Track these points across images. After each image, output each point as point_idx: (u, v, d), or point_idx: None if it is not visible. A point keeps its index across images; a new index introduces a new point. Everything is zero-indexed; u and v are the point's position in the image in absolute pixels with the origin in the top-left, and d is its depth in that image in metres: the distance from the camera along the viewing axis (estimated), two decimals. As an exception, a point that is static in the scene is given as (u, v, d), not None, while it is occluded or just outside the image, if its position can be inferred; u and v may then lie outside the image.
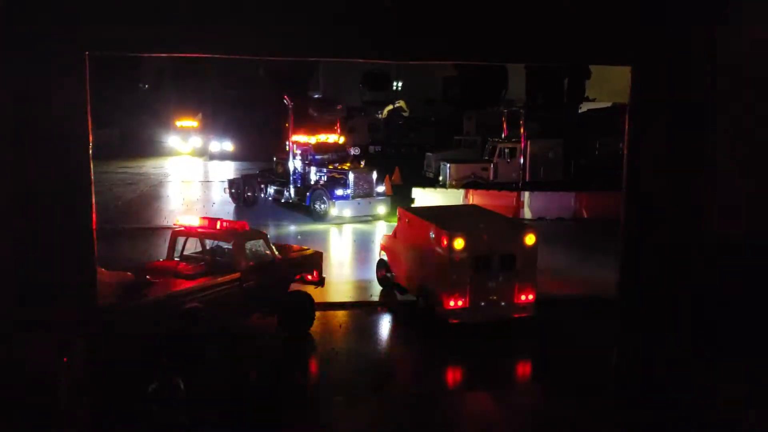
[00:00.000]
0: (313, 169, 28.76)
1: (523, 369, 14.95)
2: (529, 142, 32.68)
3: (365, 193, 27.88)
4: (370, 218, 27.59)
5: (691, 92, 12.09)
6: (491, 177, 32.48)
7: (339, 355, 14.70)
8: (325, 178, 28.35)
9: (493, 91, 49.18)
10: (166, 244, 15.50)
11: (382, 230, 25.37)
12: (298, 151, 29.04)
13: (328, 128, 30.88)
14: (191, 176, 39.72)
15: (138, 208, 29.81)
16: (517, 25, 11.91)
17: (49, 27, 10.83)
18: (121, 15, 11.06)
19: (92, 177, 11.43)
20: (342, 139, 31.72)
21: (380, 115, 50.46)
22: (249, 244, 14.94)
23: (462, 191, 29.15)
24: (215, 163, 44.11)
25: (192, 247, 15.60)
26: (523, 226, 17.12)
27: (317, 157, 29.14)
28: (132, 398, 11.02)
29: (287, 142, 29.24)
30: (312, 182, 28.55)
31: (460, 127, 44.26)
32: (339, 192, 27.32)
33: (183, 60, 40.18)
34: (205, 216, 16.03)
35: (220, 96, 48.99)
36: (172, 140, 48.09)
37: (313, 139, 29.69)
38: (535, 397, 13.16)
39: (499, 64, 37.23)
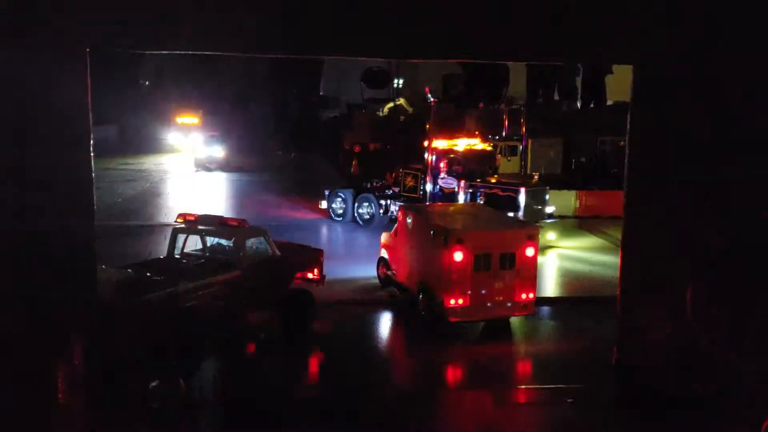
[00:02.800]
0: (462, 183, 23.46)
1: (523, 368, 14.94)
2: (529, 141, 32.62)
3: (536, 215, 22.18)
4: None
5: (693, 91, 12.07)
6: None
7: (338, 352, 14.71)
8: (479, 196, 23.18)
9: (495, 88, 49.11)
10: (167, 242, 15.50)
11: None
12: (438, 161, 23.76)
13: (470, 132, 25.61)
14: (192, 173, 39.34)
15: (139, 204, 29.79)
16: (518, 23, 11.89)
17: (50, 23, 10.80)
18: (121, 11, 11.03)
19: (93, 174, 11.41)
20: (489, 146, 26.26)
21: (381, 113, 50.41)
22: (250, 242, 14.92)
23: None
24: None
25: (193, 244, 15.59)
26: (524, 225, 17.09)
27: (466, 169, 23.84)
28: (132, 397, 11.01)
29: (425, 150, 23.89)
30: (463, 201, 23.37)
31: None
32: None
33: (183, 56, 40.01)
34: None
35: (219, 93, 48.70)
36: (172, 137, 48.10)
37: (459, 146, 24.45)
38: (534, 396, 13.15)
39: (500, 62, 37.12)
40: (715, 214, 12.13)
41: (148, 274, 13.57)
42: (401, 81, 60.09)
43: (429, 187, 23.98)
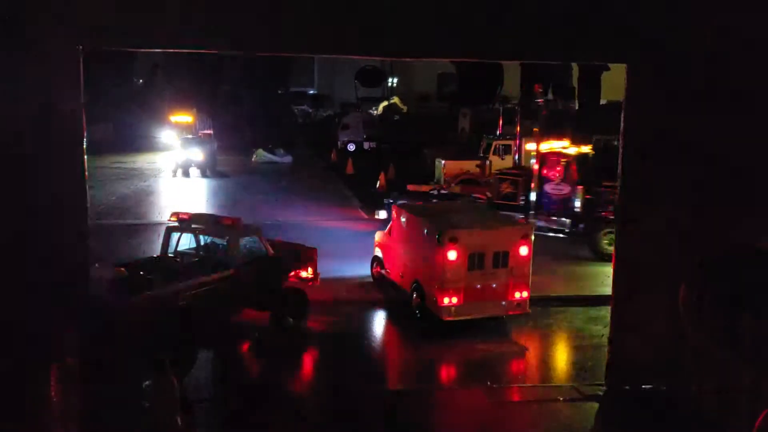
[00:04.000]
0: (580, 188, 21.69)
1: (517, 366, 14.97)
2: (523, 139, 32.68)
3: None
4: None
5: (687, 90, 12.11)
6: (486, 174, 32.42)
7: (331, 351, 14.72)
8: (603, 203, 21.22)
9: (489, 87, 49.22)
10: (161, 240, 15.47)
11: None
12: (549, 165, 21.96)
13: (565, 134, 23.72)
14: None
15: (132, 203, 29.69)
16: (512, 22, 11.91)
17: (42, 21, 10.78)
18: (113, 10, 11.01)
19: (86, 172, 11.40)
20: (591, 149, 23.84)
21: (375, 112, 50.53)
22: (243, 241, 14.92)
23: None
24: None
25: (187, 243, 15.57)
26: (517, 223, 17.13)
27: (581, 173, 21.91)
28: (126, 395, 11.00)
29: (532, 152, 22.57)
30: (583, 207, 21.42)
31: (455, 124, 44.38)
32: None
33: (178, 55, 39.76)
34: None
35: (214, 92, 48.49)
36: (166, 135, 47.88)
37: (570, 149, 22.47)
38: (527, 394, 13.18)
39: (495, 62, 37.18)
40: (710, 214, 12.17)
41: (142, 272, 13.56)
42: (395, 80, 60.15)
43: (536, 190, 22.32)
